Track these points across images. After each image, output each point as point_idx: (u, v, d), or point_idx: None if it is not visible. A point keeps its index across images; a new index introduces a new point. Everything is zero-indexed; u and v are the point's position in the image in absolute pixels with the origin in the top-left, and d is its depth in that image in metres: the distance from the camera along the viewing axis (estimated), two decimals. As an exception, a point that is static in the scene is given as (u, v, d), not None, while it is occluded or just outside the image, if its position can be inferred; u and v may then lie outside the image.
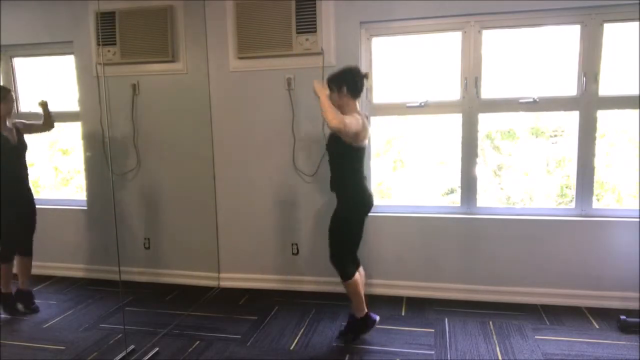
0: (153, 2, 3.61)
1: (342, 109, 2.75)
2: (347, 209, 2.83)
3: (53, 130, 3.40)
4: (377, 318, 3.01)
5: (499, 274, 3.48)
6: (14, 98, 3.22)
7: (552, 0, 3.18)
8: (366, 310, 2.96)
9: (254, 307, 3.52)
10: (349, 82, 2.74)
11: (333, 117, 2.56)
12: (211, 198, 3.88)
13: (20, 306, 3.33)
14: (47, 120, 3.30)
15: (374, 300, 3.40)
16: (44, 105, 3.27)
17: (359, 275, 2.95)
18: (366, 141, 2.81)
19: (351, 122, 2.63)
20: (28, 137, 3.28)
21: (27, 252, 3.30)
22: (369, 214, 2.91)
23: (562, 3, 3.19)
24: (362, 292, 2.94)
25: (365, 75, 2.81)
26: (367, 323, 2.97)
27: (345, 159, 2.79)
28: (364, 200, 2.83)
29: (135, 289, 3.79)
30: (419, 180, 3.87)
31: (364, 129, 2.71)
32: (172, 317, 3.38)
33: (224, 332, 3.14)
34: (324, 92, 2.68)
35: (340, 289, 3.61)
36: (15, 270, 3.27)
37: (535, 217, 3.43)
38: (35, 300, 3.44)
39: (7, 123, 3.11)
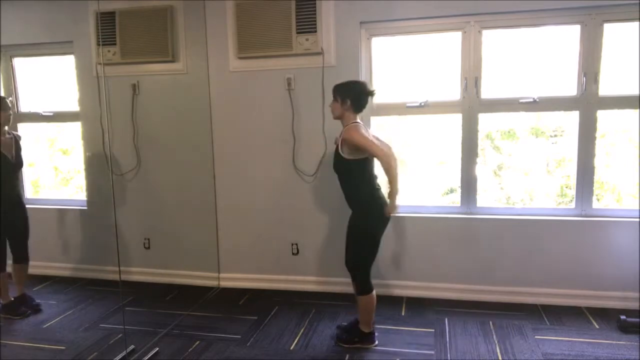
0: (153, 2, 3.61)
1: (341, 119, 2.78)
2: (368, 220, 2.77)
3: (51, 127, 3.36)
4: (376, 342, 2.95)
5: (499, 274, 3.48)
6: (11, 107, 3.20)
7: (552, 0, 3.18)
8: (372, 328, 2.92)
9: (254, 307, 3.52)
10: (353, 97, 2.72)
11: (382, 158, 2.62)
12: (211, 198, 3.88)
13: (23, 308, 3.32)
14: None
15: (374, 300, 3.40)
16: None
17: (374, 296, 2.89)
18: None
19: (369, 143, 2.64)
20: (29, 137, 3.28)
21: (22, 259, 3.28)
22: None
23: (562, 3, 3.19)
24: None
25: (372, 93, 2.78)
26: (368, 339, 2.90)
27: (353, 173, 2.76)
28: (381, 211, 2.76)
29: (135, 289, 3.79)
30: (419, 180, 3.87)
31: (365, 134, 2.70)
32: (172, 317, 3.38)
33: (224, 332, 3.14)
34: (396, 209, 2.70)
35: (340, 289, 3.62)
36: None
37: (535, 217, 3.43)
38: (36, 301, 3.43)
39: (7, 134, 3.11)
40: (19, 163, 3.20)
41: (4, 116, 3.06)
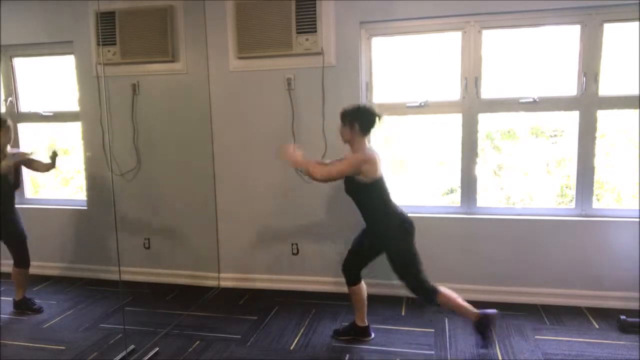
0: (153, 2, 3.61)
1: (350, 143, 2.79)
2: (397, 240, 2.78)
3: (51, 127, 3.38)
4: (372, 336, 3.02)
5: (499, 274, 3.48)
6: (12, 127, 3.20)
7: (552, 0, 3.18)
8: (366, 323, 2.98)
9: (254, 307, 3.52)
10: (361, 121, 2.73)
11: (317, 171, 2.68)
12: (211, 198, 3.88)
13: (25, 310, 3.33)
14: (50, 166, 3.33)
15: (374, 300, 3.39)
16: (54, 155, 3.30)
17: (361, 289, 2.95)
18: (380, 172, 2.75)
19: (345, 165, 2.69)
20: (27, 141, 3.29)
21: (22, 264, 3.28)
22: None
23: (562, 3, 3.19)
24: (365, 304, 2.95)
25: (379, 115, 2.78)
26: (366, 333, 2.98)
27: (368, 195, 2.76)
28: (407, 224, 2.77)
29: (135, 289, 3.78)
30: (419, 180, 3.87)
31: (372, 160, 2.69)
32: (172, 317, 3.38)
33: (224, 332, 3.13)
34: (293, 156, 2.75)
35: (340, 289, 3.61)
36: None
37: (535, 217, 3.43)
38: (36, 301, 3.43)
39: (7, 154, 3.13)
40: (17, 184, 3.27)
41: (3, 137, 3.08)
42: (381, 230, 2.80)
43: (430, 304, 2.85)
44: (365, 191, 2.74)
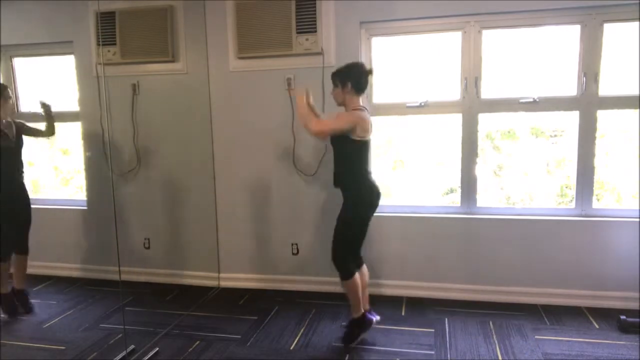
0: (153, 2, 3.61)
1: (345, 104, 2.79)
2: (351, 206, 2.80)
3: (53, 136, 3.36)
4: (376, 318, 3.01)
5: (499, 274, 3.48)
6: (12, 96, 3.18)
7: (552, 0, 3.18)
8: (364, 310, 2.95)
9: (254, 307, 3.52)
10: (353, 79, 2.74)
11: (314, 124, 2.67)
12: (211, 198, 3.88)
13: (17, 304, 3.31)
14: (49, 126, 3.25)
15: (375, 300, 3.39)
16: (46, 107, 3.20)
17: (361, 274, 2.95)
18: (369, 135, 2.78)
19: (338, 122, 2.69)
20: (27, 137, 3.27)
21: (22, 250, 3.27)
22: (375, 213, 2.88)
23: (562, 3, 3.19)
24: (361, 292, 2.92)
25: (370, 71, 2.81)
26: (363, 323, 2.94)
27: (350, 152, 2.77)
28: (369, 198, 2.80)
29: (135, 289, 3.78)
30: (419, 180, 3.87)
31: (363, 122, 2.69)
32: (172, 317, 3.38)
33: (224, 332, 3.14)
34: (301, 98, 2.74)
35: (340, 288, 3.61)
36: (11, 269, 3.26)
37: (535, 217, 3.43)
38: (36, 301, 3.43)
39: (7, 119, 3.10)
40: (18, 144, 3.17)
41: (3, 105, 3.04)
42: (352, 193, 2.80)
43: (340, 277, 2.85)
44: (350, 147, 2.74)
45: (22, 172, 3.23)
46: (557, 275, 3.40)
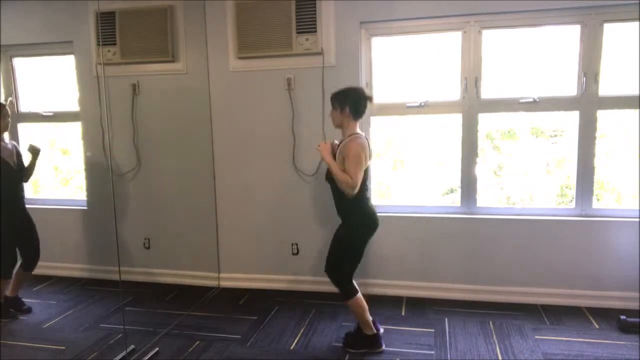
0: (153, 2, 3.61)
1: (342, 127, 2.75)
2: (354, 231, 2.75)
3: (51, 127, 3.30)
4: (381, 331, 2.94)
5: (499, 274, 3.48)
6: (9, 112, 3.14)
7: (552, 0, 3.18)
8: (375, 330, 2.86)
9: (254, 307, 3.52)
10: (351, 104, 2.69)
11: (346, 181, 2.59)
12: (211, 198, 3.88)
13: (12, 311, 3.30)
14: (28, 171, 3.15)
15: (374, 300, 3.40)
16: (34, 152, 3.10)
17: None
18: (369, 162, 2.72)
19: (356, 165, 2.60)
20: (26, 135, 3.26)
21: (27, 268, 3.25)
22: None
23: (562, 3, 3.19)
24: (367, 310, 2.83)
25: (370, 98, 2.75)
26: (373, 343, 2.84)
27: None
28: (371, 224, 2.76)
29: (135, 289, 3.78)
30: (419, 180, 3.87)
31: (364, 150, 2.64)
32: (172, 317, 3.38)
33: (224, 332, 3.14)
34: (329, 156, 2.69)
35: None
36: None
37: (535, 217, 3.43)
38: (36, 301, 3.43)
39: (7, 140, 3.06)
40: (20, 170, 3.14)
41: (3, 124, 3.04)
42: (355, 222, 2.75)
43: (345, 297, 2.80)
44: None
45: (24, 195, 3.19)
46: (557, 275, 3.40)
